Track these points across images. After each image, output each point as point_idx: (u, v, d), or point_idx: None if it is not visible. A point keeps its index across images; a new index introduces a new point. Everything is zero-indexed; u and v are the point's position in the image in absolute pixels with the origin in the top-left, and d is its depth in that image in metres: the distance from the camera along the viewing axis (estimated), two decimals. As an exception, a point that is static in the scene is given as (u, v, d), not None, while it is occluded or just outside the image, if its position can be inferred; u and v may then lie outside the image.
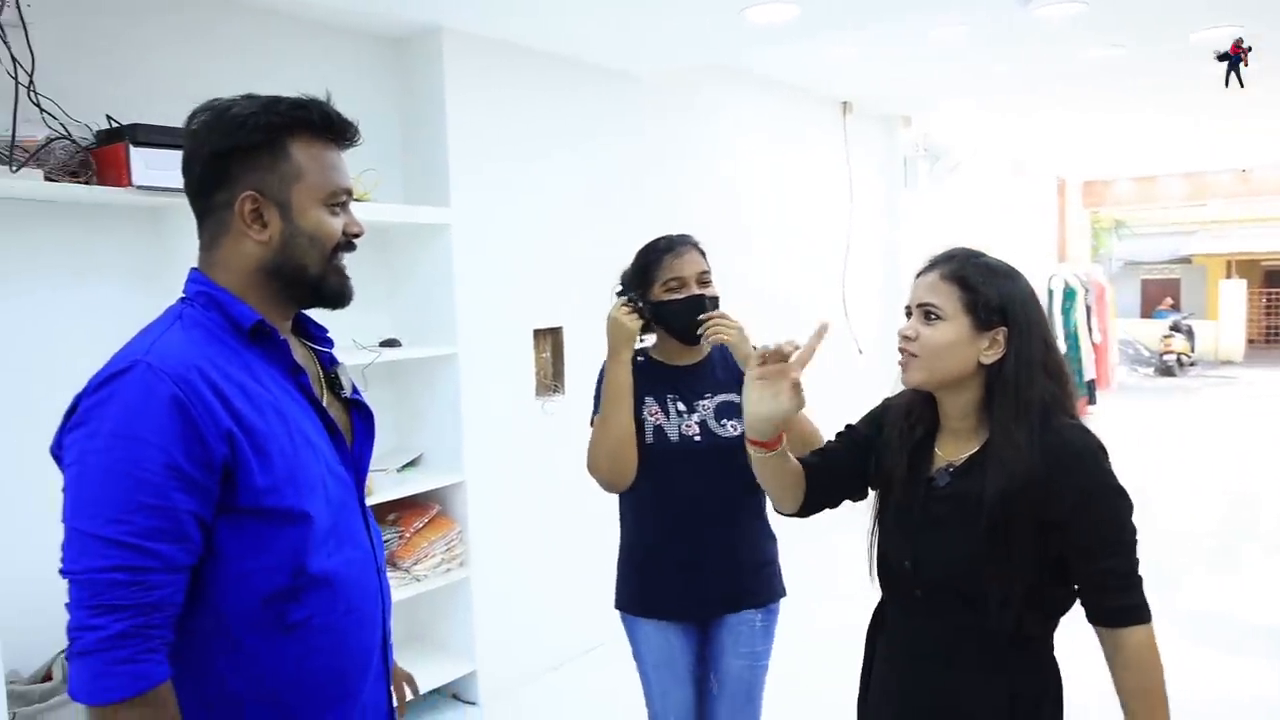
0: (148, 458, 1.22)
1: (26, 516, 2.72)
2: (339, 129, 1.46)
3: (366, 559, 1.49)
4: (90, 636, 1.20)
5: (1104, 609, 1.57)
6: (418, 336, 3.75)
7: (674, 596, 2.38)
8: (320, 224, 1.42)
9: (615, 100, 4.49)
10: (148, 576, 1.22)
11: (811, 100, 6.07)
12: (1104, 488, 1.57)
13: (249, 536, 1.31)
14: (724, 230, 5.24)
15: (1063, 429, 1.59)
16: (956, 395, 1.67)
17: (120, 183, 2.65)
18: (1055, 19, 4.34)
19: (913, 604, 1.70)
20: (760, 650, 2.40)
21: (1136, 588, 1.57)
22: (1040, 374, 1.61)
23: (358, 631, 1.45)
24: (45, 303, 2.82)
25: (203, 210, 1.43)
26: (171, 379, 1.25)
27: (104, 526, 1.21)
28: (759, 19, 3.80)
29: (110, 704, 1.20)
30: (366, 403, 1.59)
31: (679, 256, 2.36)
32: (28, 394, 2.72)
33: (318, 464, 1.40)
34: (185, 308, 1.41)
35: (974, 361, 1.62)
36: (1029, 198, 9.86)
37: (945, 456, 1.69)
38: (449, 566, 3.72)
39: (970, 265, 1.65)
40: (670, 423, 2.34)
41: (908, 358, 1.66)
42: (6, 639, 2.32)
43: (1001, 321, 1.61)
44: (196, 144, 1.41)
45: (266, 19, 3.40)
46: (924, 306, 1.65)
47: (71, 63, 2.82)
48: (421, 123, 3.80)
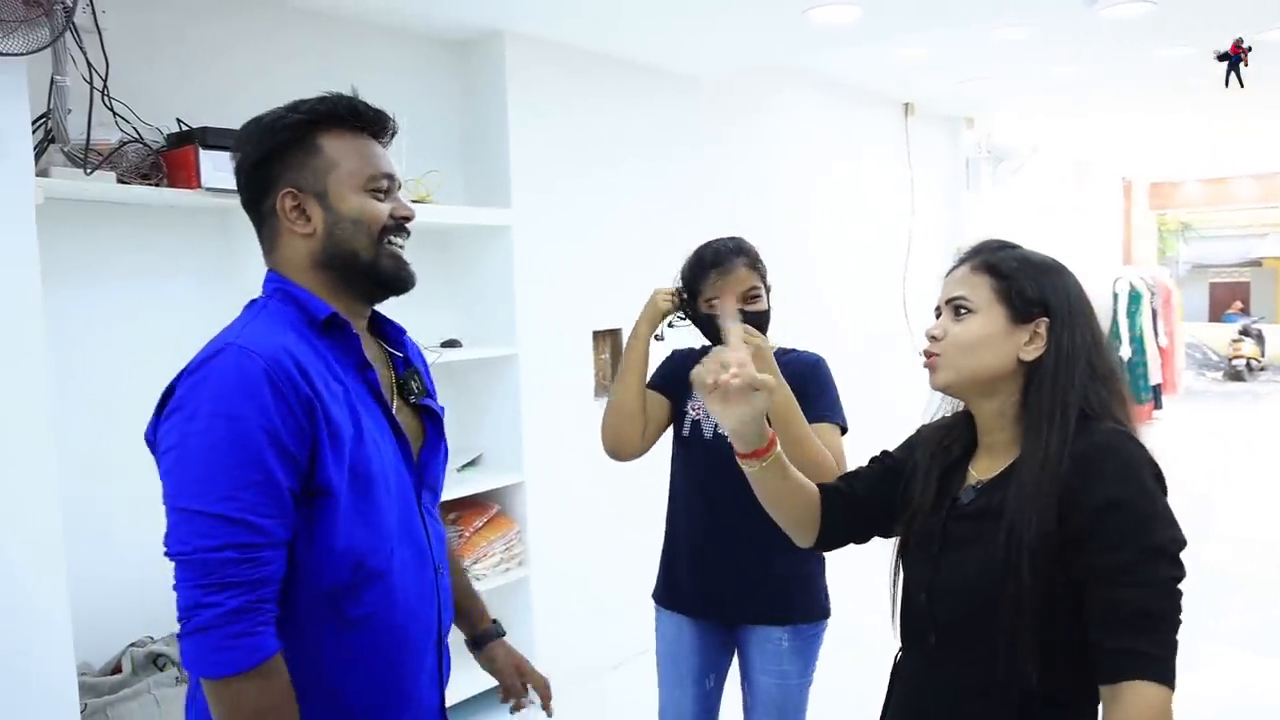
0: (248, 434, 1.25)
1: (101, 512, 2.79)
2: (369, 120, 1.48)
3: (424, 560, 1.50)
4: (206, 614, 1.22)
5: (1110, 651, 1.24)
6: (478, 337, 3.77)
7: (691, 592, 2.37)
8: (363, 208, 1.44)
9: (675, 102, 4.48)
10: (259, 553, 1.25)
11: (873, 102, 6.02)
12: (1137, 500, 1.28)
13: (317, 522, 1.33)
14: (783, 233, 5.21)
15: (1103, 432, 1.34)
16: (991, 399, 1.44)
17: (189, 185, 2.70)
18: (1123, 19, 4.26)
19: (927, 653, 1.46)
20: (789, 670, 2.29)
21: (1161, 637, 1.24)
22: (1084, 373, 1.38)
23: (413, 631, 1.47)
24: (117, 302, 2.88)
25: (257, 219, 1.47)
26: (262, 357, 1.28)
27: (214, 504, 1.24)
28: (821, 20, 3.77)
29: (231, 676, 1.24)
30: (436, 408, 1.59)
31: (724, 275, 2.26)
32: (101, 391, 2.78)
33: (380, 461, 1.41)
34: (267, 301, 1.44)
35: (1013, 358, 1.40)
36: (1094, 200, 9.69)
37: (978, 474, 1.47)
38: (508, 566, 3.74)
39: (1003, 254, 1.46)
40: (708, 420, 2.32)
41: (932, 359, 1.45)
42: (78, 632, 2.37)
43: (1043, 312, 1.40)
44: (240, 158, 1.45)
45: (333, 24, 3.45)
46: (953, 301, 1.45)
47: (144, 67, 2.88)
48: (483, 125, 3.82)
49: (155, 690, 2.68)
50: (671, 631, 2.42)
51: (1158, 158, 10.09)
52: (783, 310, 2.38)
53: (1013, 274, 1.42)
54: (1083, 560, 1.28)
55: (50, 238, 2.39)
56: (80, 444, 2.69)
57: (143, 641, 2.82)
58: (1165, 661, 1.23)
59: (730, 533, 2.28)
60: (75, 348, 2.75)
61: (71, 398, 2.67)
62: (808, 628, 2.30)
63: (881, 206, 6.10)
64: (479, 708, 3.82)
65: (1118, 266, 10.18)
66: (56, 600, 2.30)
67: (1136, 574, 1.25)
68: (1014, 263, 1.43)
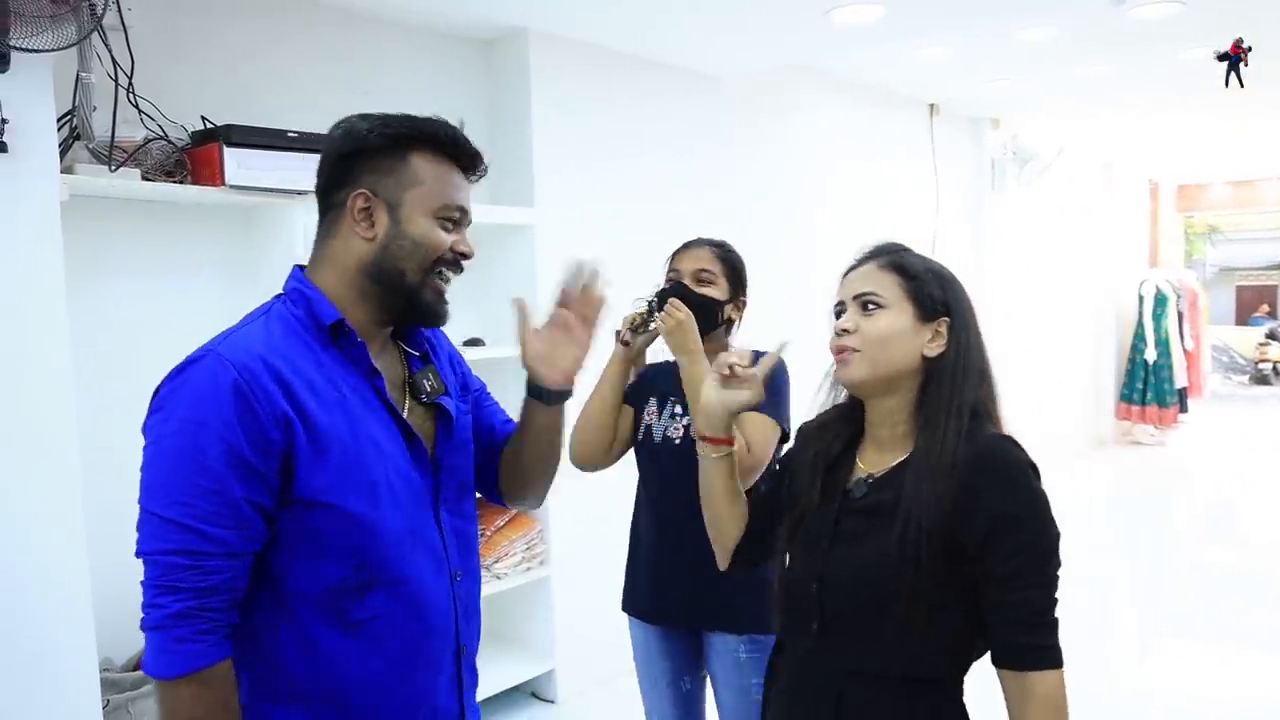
0: (207, 444, 1.26)
1: (119, 507, 2.79)
2: (465, 154, 1.47)
3: (440, 567, 1.48)
4: (155, 614, 1.25)
5: (1013, 647, 1.38)
6: (501, 335, 3.76)
7: (650, 598, 2.38)
8: (427, 233, 1.43)
9: (698, 102, 4.47)
10: (205, 561, 1.25)
11: (897, 102, 5.99)
12: (1028, 510, 1.39)
13: (304, 530, 1.33)
14: (806, 233, 5.19)
15: (989, 440, 1.42)
16: (892, 396, 1.50)
17: (213, 182, 2.71)
18: (1150, 20, 4.22)
19: (811, 641, 1.51)
20: (754, 684, 2.20)
21: (1052, 627, 1.38)
22: (976, 373, 1.48)
23: (426, 637, 1.45)
24: (140, 298, 2.89)
25: (323, 208, 1.47)
26: (235, 367, 1.29)
27: (168, 508, 1.25)
28: (844, 21, 3.75)
29: (168, 679, 1.25)
30: (449, 407, 1.56)
31: (686, 251, 2.40)
32: (123, 387, 2.78)
33: (382, 467, 1.40)
34: (276, 303, 1.44)
35: (918, 354, 1.47)
36: (1120, 201, 9.59)
37: (866, 468, 1.53)
38: (529, 565, 3.74)
39: (908, 256, 1.54)
40: (659, 424, 2.36)
41: (847, 354, 1.49)
42: (101, 629, 2.38)
43: (945, 312, 1.49)
44: (328, 148, 1.45)
45: (358, 22, 3.46)
46: (862, 297, 1.50)
47: (169, 65, 2.89)
48: (507, 124, 3.82)
49: (177, 686, 2.69)
50: (640, 638, 2.43)
51: (1185, 159, 9.98)
52: (805, 311, 2.37)
53: (920, 274, 1.50)
54: (979, 565, 1.39)
55: (74, 234, 2.40)
56: (102, 440, 2.70)
57: (165, 637, 2.83)
58: (1055, 649, 1.38)
59: (681, 537, 2.22)
60: (98, 343, 2.77)
61: (94, 393, 2.68)
62: (764, 639, 2.22)
63: (905, 208, 6.07)
64: (505, 703, 3.82)
65: (1144, 269, 10.09)
66: (80, 597, 2.32)
67: (1027, 578, 1.38)
68: (919, 264, 1.52)
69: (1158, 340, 9.27)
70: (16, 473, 2.21)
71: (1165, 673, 4.19)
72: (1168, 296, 9.34)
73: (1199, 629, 4.59)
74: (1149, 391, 9.23)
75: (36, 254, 2.22)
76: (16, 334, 2.20)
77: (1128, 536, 6.36)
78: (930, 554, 1.38)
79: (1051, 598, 1.39)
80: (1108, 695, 3.72)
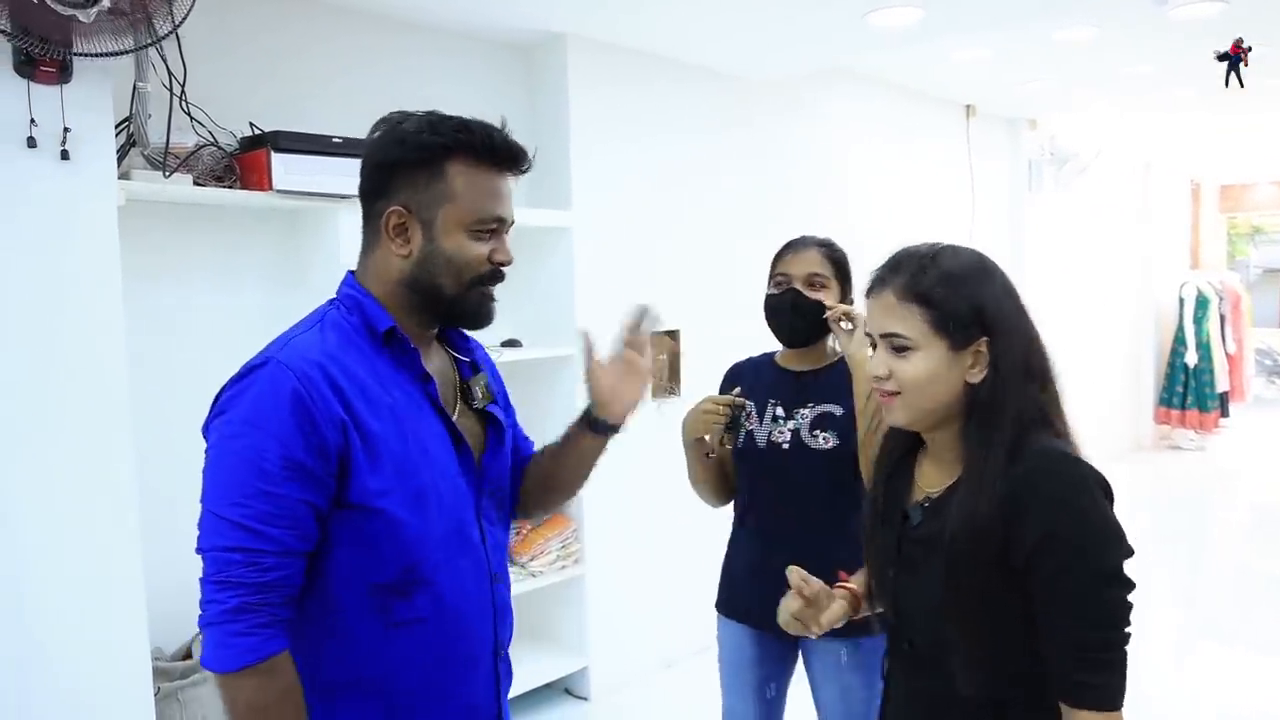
0: (266, 447, 1.31)
1: (171, 504, 2.86)
2: (503, 155, 1.46)
3: (480, 568, 1.52)
4: (213, 609, 1.29)
5: (1063, 680, 1.29)
6: (538, 337, 3.82)
7: (750, 603, 2.34)
8: (460, 248, 1.44)
9: (735, 105, 4.50)
10: (261, 559, 1.30)
11: (933, 103, 5.98)
12: (1076, 530, 1.28)
13: (358, 533, 1.38)
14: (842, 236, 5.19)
15: (1042, 454, 1.33)
16: (943, 427, 1.44)
17: (262, 186, 2.78)
18: (1193, 19, 4.19)
19: (905, 661, 1.51)
20: (853, 683, 2.24)
21: (1105, 664, 1.27)
22: (1018, 381, 1.37)
23: (465, 637, 1.49)
24: (192, 298, 2.98)
25: (365, 216, 1.50)
26: (295, 374, 1.34)
27: (227, 508, 1.30)
28: (882, 23, 3.76)
29: (228, 672, 1.30)
30: (499, 415, 1.61)
31: (795, 252, 2.31)
32: (176, 385, 2.87)
33: (431, 471, 1.44)
34: (331, 309, 1.49)
35: (960, 384, 1.39)
36: (1160, 202, 9.50)
37: (924, 487, 1.48)
38: (564, 564, 3.79)
39: (925, 276, 1.40)
40: (762, 429, 2.31)
41: (888, 399, 1.43)
42: (152, 620, 2.46)
43: (981, 331, 1.37)
44: (367, 153, 1.47)
45: (400, 28, 3.52)
46: (889, 338, 1.41)
47: (219, 73, 2.97)
48: (545, 127, 3.87)
49: (224, 676, 2.76)
50: (733, 641, 2.40)
51: (1228, 159, 9.85)
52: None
53: (942, 301, 1.37)
54: (1027, 589, 1.31)
55: (129, 237, 2.49)
56: (157, 438, 2.78)
57: (212, 629, 2.90)
58: (1105, 689, 1.28)
59: (787, 543, 2.21)
60: (152, 342, 2.85)
61: (149, 390, 2.76)
62: (867, 642, 2.18)
63: (942, 209, 6.06)
64: (539, 700, 3.87)
65: (1185, 271, 9.97)
66: (133, 589, 2.40)
67: (1074, 606, 1.28)
68: (939, 285, 1.38)
69: (1199, 344, 9.16)
70: (75, 470, 2.29)
71: (1204, 679, 4.16)
72: (1209, 299, 9.23)
73: (1239, 636, 4.55)
74: (1189, 395, 9.13)
75: (96, 257, 2.30)
76: (76, 333, 2.29)
77: (1166, 542, 6.30)
78: (982, 582, 1.32)
79: (1107, 631, 1.28)
80: (1145, 701, 3.70)
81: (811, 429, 2.26)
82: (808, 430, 2.25)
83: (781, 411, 2.30)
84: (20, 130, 2.16)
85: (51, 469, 2.26)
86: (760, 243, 2.47)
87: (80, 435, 2.30)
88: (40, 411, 2.24)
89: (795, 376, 2.34)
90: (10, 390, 2.20)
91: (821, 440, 2.24)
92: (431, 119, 1.44)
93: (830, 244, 2.35)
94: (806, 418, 2.27)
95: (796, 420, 2.27)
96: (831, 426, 2.24)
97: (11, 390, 2.20)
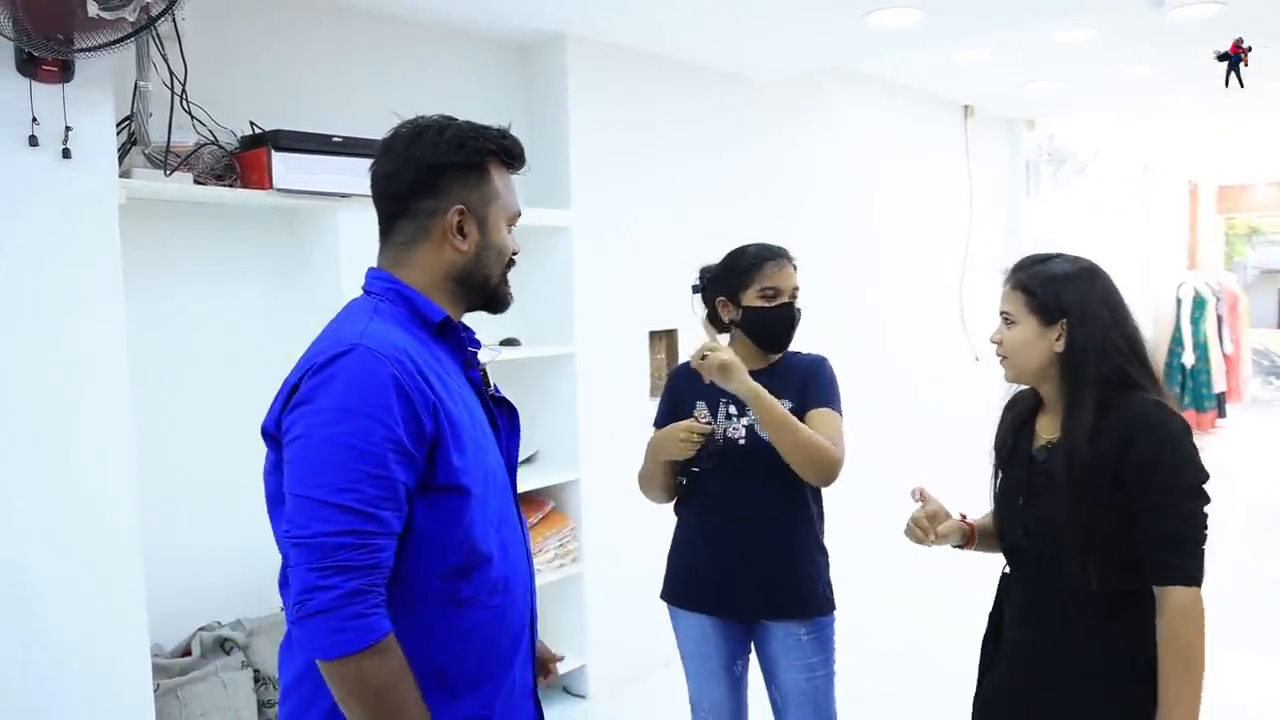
0: (371, 431, 1.33)
1: (173, 501, 2.88)
2: (519, 156, 1.62)
3: (520, 543, 1.60)
4: (324, 596, 1.28)
5: (1156, 564, 1.72)
6: (537, 336, 3.83)
7: (711, 593, 2.44)
8: (505, 242, 1.60)
9: (734, 105, 4.51)
10: (374, 540, 1.32)
11: (932, 104, 5.99)
12: (1170, 454, 1.74)
13: (439, 513, 1.42)
14: (840, 235, 5.22)
15: (1140, 402, 1.79)
16: (1045, 382, 1.92)
17: (262, 185, 2.79)
18: (1190, 21, 4.20)
19: (1033, 571, 1.92)
20: (815, 662, 2.40)
21: (1187, 551, 1.70)
22: (1100, 353, 1.82)
23: (512, 611, 1.54)
24: (192, 296, 2.98)
25: (400, 212, 1.54)
26: (389, 360, 1.37)
27: (334, 494, 1.30)
28: (881, 24, 3.77)
29: (351, 655, 1.29)
30: (510, 400, 1.69)
31: (781, 268, 2.44)
32: (177, 381, 2.88)
33: (490, 452, 1.53)
34: (378, 302, 1.51)
35: (1049, 352, 1.87)
36: (1158, 203, 9.52)
37: (1044, 434, 1.94)
38: (562, 562, 3.80)
39: (1030, 273, 1.91)
40: (717, 426, 2.40)
41: (1003, 361, 1.96)
42: (151, 617, 2.47)
43: (1063, 315, 1.85)
44: (412, 153, 1.52)
45: (399, 28, 3.53)
46: (1002, 314, 1.95)
47: (219, 72, 2.97)
48: (544, 126, 3.88)
49: (223, 673, 2.78)
50: (695, 630, 2.49)
51: (1226, 160, 9.88)
52: (840, 311, 2.41)
53: (1037, 289, 1.88)
54: (1132, 500, 1.74)
55: (130, 236, 2.49)
56: (157, 435, 2.79)
57: (211, 626, 2.92)
58: (1192, 569, 1.70)
59: (749, 534, 2.38)
60: (153, 339, 2.85)
61: (150, 388, 2.77)
62: (823, 619, 2.41)
63: (939, 209, 6.07)
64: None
65: (1182, 272, 9.99)
66: (133, 586, 2.41)
67: (1170, 509, 1.72)
68: (1040, 279, 1.89)
69: (1195, 344, 9.18)
70: (76, 467, 2.30)
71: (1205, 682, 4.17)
72: (1206, 300, 9.25)
73: (1239, 638, 4.55)
74: (1186, 396, 9.15)
75: (97, 255, 2.31)
76: (77, 331, 2.30)
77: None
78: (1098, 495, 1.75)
79: (1192, 526, 1.71)
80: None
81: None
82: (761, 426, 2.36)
83: (734, 409, 2.40)
84: (22, 129, 2.17)
85: (53, 467, 2.27)
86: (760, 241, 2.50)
87: (81, 433, 2.31)
88: (41, 409, 2.25)
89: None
90: (11, 388, 2.21)
91: None
92: (472, 126, 1.56)
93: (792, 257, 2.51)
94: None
95: (750, 416, 2.36)
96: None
97: (12, 388, 2.21)
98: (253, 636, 2.90)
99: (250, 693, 2.83)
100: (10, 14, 2.00)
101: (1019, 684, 1.93)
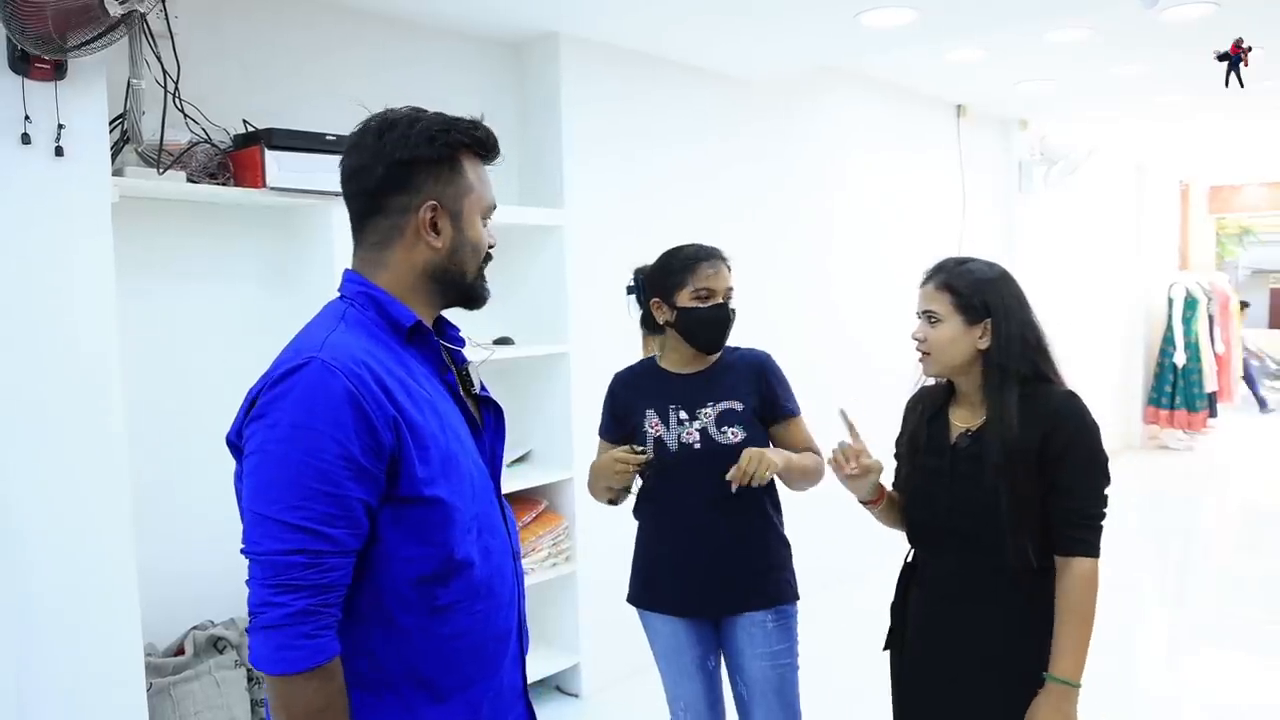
0: (324, 448, 1.30)
1: (168, 502, 2.88)
2: (493, 147, 1.57)
3: (504, 547, 1.56)
4: (274, 613, 1.28)
5: (1064, 538, 1.92)
6: (530, 335, 3.83)
7: (678, 593, 2.47)
8: (479, 236, 1.54)
9: (727, 104, 4.52)
10: (324, 559, 1.30)
11: (925, 103, 6.00)
12: (1086, 440, 1.95)
13: (407, 524, 1.39)
14: (833, 234, 5.22)
15: (1053, 395, 1.99)
16: (966, 376, 2.06)
17: (255, 184, 2.79)
18: (1184, 21, 4.21)
19: (945, 552, 2.07)
20: (780, 650, 2.44)
21: (1094, 528, 1.92)
22: (1019, 349, 1.99)
23: (497, 614, 1.52)
24: (185, 295, 2.97)
25: (372, 209, 1.50)
26: (344, 374, 1.33)
27: (285, 512, 1.29)
28: (875, 24, 3.78)
29: (292, 674, 1.29)
30: (495, 399, 1.66)
31: (715, 269, 2.44)
32: (169, 381, 2.87)
33: (465, 457, 1.48)
34: (348, 307, 1.48)
35: (973, 348, 2.02)
36: (1150, 203, 9.54)
37: (960, 424, 2.08)
38: (555, 561, 3.80)
39: (955, 274, 2.05)
40: (670, 433, 2.42)
41: (922, 356, 2.08)
42: (145, 616, 2.46)
43: (987, 314, 2.00)
44: (382, 148, 1.47)
45: (392, 26, 3.53)
46: (925, 313, 2.06)
47: (212, 71, 2.97)
48: (537, 125, 3.88)
49: (216, 672, 2.78)
50: (665, 631, 2.52)
51: (1218, 161, 9.89)
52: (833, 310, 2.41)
53: (964, 290, 2.02)
54: (1047, 480, 1.93)
55: (124, 233, 2.49)
56: (149, 435, 2.79)
57: (204, 625, 2.91)
58: (1092, 543, 1.92)
59: (707, 535, 2.40)
60: (146, 339, 2.85)
61: (142, 387, 2.76)
62: (787, 607, 2.46)
63: (932, 209, 6.08)
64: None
65: (1173, 272, 10.01)
66: (126, 585, 2.40)
67: (1080, 489, 1.93)
68: (966, 281, 2.03)
69: (1187, 344, 9.20)
70: (69, 466, 2.30)
71: (1192, 678, 4.19)
72: (1197, 300, 9.28)
73: (1228, 637, 4.58)
74: (1178, 395, 9.17)
75: (89, 253, 2.31)
76: (70, 329, 2.29)
77: (1155, 542, 6.34)
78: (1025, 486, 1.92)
79: (1097, 505, 1.93)
80: (1135, 702, 3.74)
81: (718, 425, 2.40)
82: (715, 427, 2.40)
83: (685, 414, 2.42)
84: (14, 126, 2.17)
85: (45, 465, 2.26)
86: (752, 241, 2.51)
87: (74, 431, 2.30)
88: (34, 408, 2.25)
89: (685, 379, 2.48)
90: (3, 386, 2.21)
91: (730, 435, 2.39)
92: (442, 118, 1.51)
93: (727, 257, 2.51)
94: (710, 416, 2.41)
95: (701, 419, 2.40)
96: (736, 421, 2.40)
97: (4, 386, 2.21)
98: (246, 635, 2.89)
99: (243, 692, 2.83)
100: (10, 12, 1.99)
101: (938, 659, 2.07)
